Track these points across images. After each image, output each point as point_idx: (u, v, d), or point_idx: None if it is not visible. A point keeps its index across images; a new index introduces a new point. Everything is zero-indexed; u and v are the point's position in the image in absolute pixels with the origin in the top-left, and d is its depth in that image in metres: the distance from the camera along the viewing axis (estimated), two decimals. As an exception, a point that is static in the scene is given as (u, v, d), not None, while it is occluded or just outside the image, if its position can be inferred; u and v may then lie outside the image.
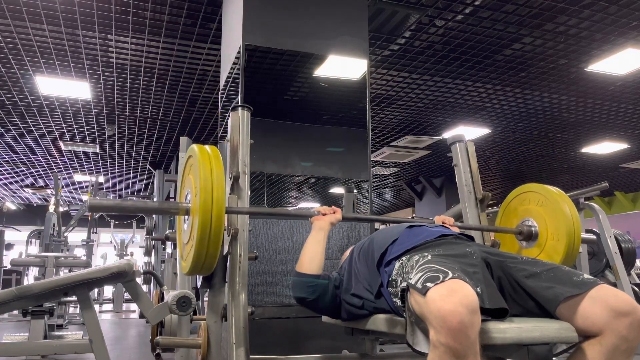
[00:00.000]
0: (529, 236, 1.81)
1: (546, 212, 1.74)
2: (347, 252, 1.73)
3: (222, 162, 1.42)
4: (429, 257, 1.23)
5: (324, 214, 1.66)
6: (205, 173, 1.35)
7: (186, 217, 1.47)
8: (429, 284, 1.08)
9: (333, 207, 1.70)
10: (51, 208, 7.88)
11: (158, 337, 1.76)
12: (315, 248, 1.60)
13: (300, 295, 1.57)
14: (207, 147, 1.47)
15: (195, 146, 1.46)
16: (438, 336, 1.02)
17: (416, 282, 1.12)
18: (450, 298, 1.02)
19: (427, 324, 1.07)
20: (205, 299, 2.74)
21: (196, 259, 1.36)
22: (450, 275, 1.09)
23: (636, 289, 3.59)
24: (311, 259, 1.58)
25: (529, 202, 1.82)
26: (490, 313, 1.13)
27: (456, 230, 1.64)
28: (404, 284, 1.20)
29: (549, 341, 1.14)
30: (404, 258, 1.32)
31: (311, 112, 2.92)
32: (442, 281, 1.07)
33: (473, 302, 1.03)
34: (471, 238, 1.52)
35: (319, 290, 1.56)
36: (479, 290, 1.11)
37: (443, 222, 1.73)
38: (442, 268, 1.12)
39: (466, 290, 1.05)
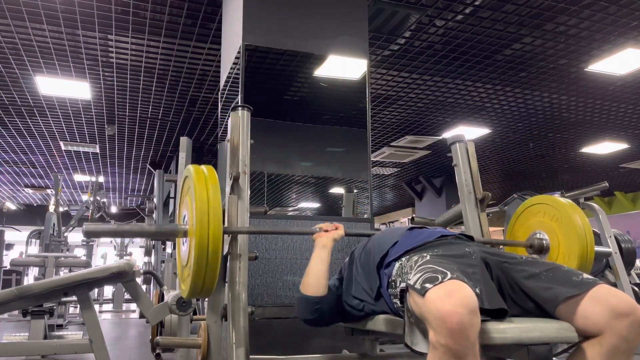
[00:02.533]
0: (540, 249, 1.77)
1: (559, 227, 1.70)
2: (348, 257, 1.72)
3: (218, 183, 1.40)
4: (428, 257, 1.23)
5: (326, 230, 1.65)
6: (201, 196, 1.33)
7: (184, 239, 1.46)
8: (427, 285, 1.08)
9: (335, 223, 1.69)
10: (51, 208, 7.88)
11: (158, 337, 1.76)
12: (320, 267, 1.57)
13: (307, 318, 1.57)
14: (203, 167, 1.45)
15: (191, 167, 1.45)
16: (437, 337, 1.02)
17: (415, 283, 1.12)
18: (450, 299, 1.02)
19: (427, 325, 1.07)
20: (205, 299, 2.74)
21: (194, 282, 1.34)
22: (449, 276, 1.09)
23: (636, 289, 3.59)
24: (317, 280, 1.56)
25: (541, 214, 1.78)
26: (489, 313, 1.13)
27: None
28: (403, 285, 1.20)
29: (548, 341, 1.14)
30: (403, 259, 1.32)
31: (311, 112, 2.92)
32: (441, 282, 1.07)
33: (472, 302, 1.02)
34: (471, 238, 1.52)
35: (324, 308, 1.56)
36: (478, 290, 1.11)
37: None
38: (441, 269, 1.12)
39: (465, 290, 1.05)
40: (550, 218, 1.75)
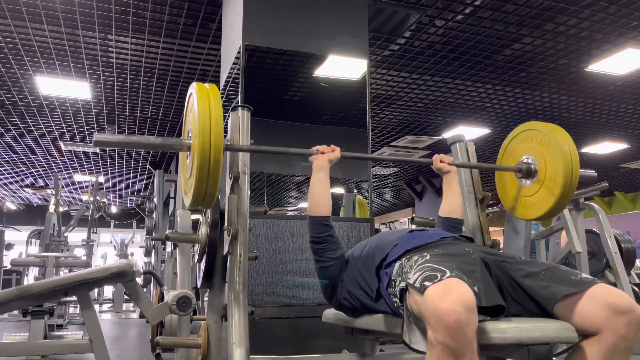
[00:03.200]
0: (529, 173, 1.81)
1: (546, 150, 1.74)
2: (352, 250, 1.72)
3: (220, 99, 1.44)
4: (428, 257, 1.24)
5: (323, 152, 1.67)
6: (203, 107, 1.38)
7: (188, 153, 1.50)
8: (426, 283, 1.09)
9: (332, 145, 1.70)
10: (51, 208, 7.89)
11: (158, 337, 1.76)
12: (320, 188, 1.61)
13: (316, 236, 1.58)
14: (206, 85, 1.49)
15: (195, 84, 1.49)
16: (435, 335, 1.02)
17: (414, 282, 1.13)
18: (447, 296, 1.03)
19: (425, 323, 1.08)
20: (205, 299, 2.74)
21: (197, 192, 1.39)
22: (448, 274, 1.09)
23: (636, 289, 3.59)
24: (318, 200, 1.60)
25: (530, 140, 1.82)
26: (488, 312, 1.13)
27: (451, 167, 1.77)
28: (403, 284, 1.21)
29: (549, 341, 1.14)
30: (403, 259, 1.33)
31: (311, 112, 2.92)
32: (440, 280, 1.08)
33: (470, 300, 1.03)
34: (471, 239, 1.53)
35: (332, 234, 1.58)
36: (476, 289, 1.12)
37: (441, 160, 1.80)
38: (440, 267, 1.13)
39: (463, 289, 1.05)
40: (536, 142, 1.79)
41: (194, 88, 1.47)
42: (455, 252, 1.31)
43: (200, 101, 1.40)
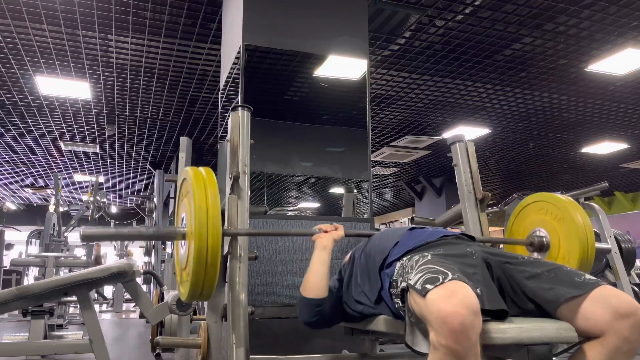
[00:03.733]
0: (540, 247, 1.76)
1: (559, 225, 1.69)
2: (348, 257, 1.72)
3: (216, 184, 1.39)
4: (429, 257, 1.23)
5: (326, 231, 1.64)
6: (200, 201, 1.32)
7: (183, 242, 1.45)
8: (428, 286, 1.07)
9: (335, 224, 1.67)
10: (51, 208, 7.89)
11: (158, 337, 1.76)
12: (321, 269, 1.57)
13: (309, 320, 1.57)
14: (201, 169, 1.45)
15: (189, 169, 1.44)
16: (439, 338, 1.01)
17: (415, 283, 1.12)
18: (451, 300, 1.02)
19: (428, 325, 1.07)
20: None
21: (194, 284, 1.33)
22: (450, 276, 1.08)
23: (636, 289, 3.59)
24: (317, 281, 1.55)
25: (543, 212, 1.76)
26: (490, 314, 1.12)
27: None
28: (404, 284, 1.20)
29: (549, 341, 1.14)
30: (404, 258, 1.32)
31: (311, 112, 2.92)
32: (442, 283, 1.07)
33: (474, 303, 1.02)
34: (472, 238, 1.52)
35: (325, 310, 1.56)
36: (478, 291, 1.11)
37: None
38: (442, 269, 1.12)
39: (466, 291, 1.04)
40: (551, 216, 1.73)
41: (188, 174, 1.42)
42: (457, 252, 1.29)
43: (196, 193, 1.34)
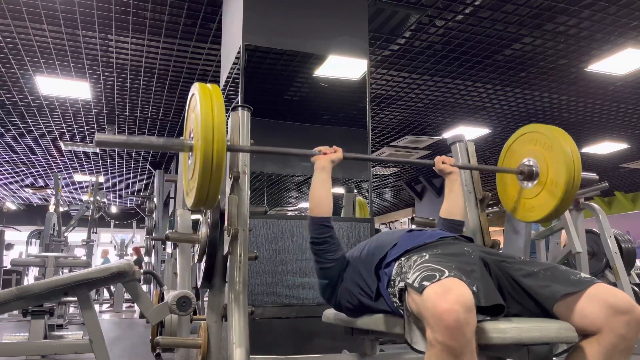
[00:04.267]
0: (530, 176, 1.80)
1: (548, 153, 1.74)
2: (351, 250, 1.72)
3: (222, 99, 1.44)
4: (427, 256, 1.24)
5: (325, 153, 1.68)
6: (206, 109, 1.38)
7: (190, 153, 1.50)
8: (425, 283, 1.09)
9: (334, 146, 1.71)
10: (51, 208, 7.89)
11: (158, 337, 1.76)
12: (322, 188, 1.61)
13: (317, 237, 1.58)
14: (208, 85, 1.48)
15: (197, 84, 1.48)
16: (434, 334, 1.03)
17: (413, 281, 1.13)
18: (446, 296, 1.03)
19: (424, 323, 1.08)
20: (205, 299, 2.74)
21: (199, 193, 1.39)
22: (447, 273, 1.10)
23: (636, 289, 3.59)
24: (320, 201, 1.60)
25: (532, 142, 1.81)
26: (487, 311, 1.13)
27: (453, 168, 1.75)
28: (402, 284, 1.21)
29: (549, 341, 1.14)
30: (402, 259, 1.33)
31: (311, 112, 2.93)
32: (439, 280, 1.08)
33: (468, 300, 1.03)
34: (470, 239, 1.53)
35: (333, 239, 1.58)
36: (475, 288, 1.12)
37: (443, 162, 1.79)
38: (439, 267, 1.13)
39: (462, 288, 1.05)
40: (540, 145, 1.78)
41: (196, 88, 1.47)
42: (455, 252, 1.31)
43: (202, 102, 1.40)
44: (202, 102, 1.40)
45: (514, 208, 1.92)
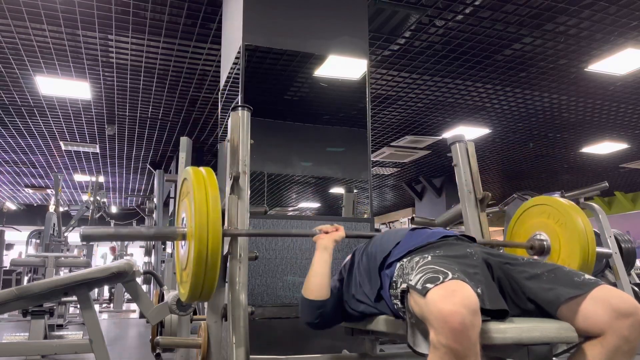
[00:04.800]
0: (541, 251, 1.77)
1: (560, 229, 1.70)
2: (349, 257, 1.72)
3: (217, 185, 1.39)
4: (429, 258, 1.23)
5: (327, 232, 1.64)
6: (200, 201, 1.33)
7: (183, 242, 1.45)
8: (428, 285, 1.08)
9: (335, 224, 1.68)
10: (51, 208, 7.89)
11: (158, 337, 1.76)
12: (322, 270, 1.57)
13: (311, 321, 1.57)
14: (202, 169, 1.45)
15: (189, 169, 1.44)
16: (439, 337, 1.01)
17: (416, 283, 1.12)
18: (451, 299, 1.02)
19: (428, 325, 1.07)
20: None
21: (194, 285, 1.33)
22: (450, 276, 1.08)
23: (636, 289, 3.59)
24: (319, 283, 1.56)
25: (545, 216, 1.77)
26: (490, 314, 1.12)
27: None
28: (404, 285, 1.20)
29: (549, 341, 1.14)
30: (404, 259, 1.32)
31: (311, 112, 2.92)
32: (442, 282, 1.07)
33: (474, 302, 1.02)
34: (473, 239, 1.52)
35: (327, 311, 1.56)
36: (479, 291, 1.11)
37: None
38: (442, 269, 1.12)
39: (466, 291, 1.04)
40: (552, 219, 1.74)
41: (189, 174, 1.42)
42: (457, 253, 1.30)
43: (196, 194, 1.34)
44: (195, 188, 1.34)
45: None
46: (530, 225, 1.82)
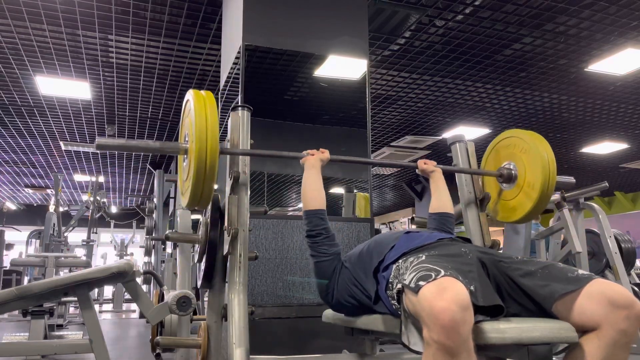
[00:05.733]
0: (509, 178, 1.89)
1: (526, 157, 1.84)
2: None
3: (215, 105, 1.49)
4: (423, 257, 1.24)
5: (313, 154, 1.74)
6: (199, 113, 1.43)
7: (185, 156, 1.56)
8: (421, 283, 1.09)
9: (321, 149, 1.77)
10: (51, 208, 7.89)
11: (158, 337, 1.76)
12: (313, 183, 1.66)
13: (313, 229, 1.60)
14: (202, 92, 1.53)
15: (191, 91, 1.54)
16: (431, 334, 1.02)
17: (410, 282, 1.13)
18: (442, 295, 1.03)
19: (421, 322, 1.08)
20: (205, 299, 2.74)
21: (193, 193, 1.45)
22: (442, 273, 1.09)
23: (636, 288, 3.59)
24: (312, 195, 1.64)
25: (512, 147, 1.92)
26: (486, 312, 1.13)
27: (436, 167, 1.84)
28: (399, 285, 1.21)
29: (548, 341, 1.14)
30: (400, 261, 1.33)
31: (311, 112, 2.93)
32: (434, 279, 1.08)
33: (464, 299, 1.03)
34: (468, 240, 1.53)
35: (326, 227, 1.60)
36: (472, 288, 1.12)
37: (425, 163, 1.85)
38: (435, 267, 1.13)
39: (457, 287, 1.05)
40: (518, 149, 1.88)
41: (190, 95, 1.53)
42: (452, 252, 1.31)
43: (196, 107, 1.45)
44: (196, 106, 1.45)
45: (496, 210, 2.00)
46: (501, 156, 1.96)
